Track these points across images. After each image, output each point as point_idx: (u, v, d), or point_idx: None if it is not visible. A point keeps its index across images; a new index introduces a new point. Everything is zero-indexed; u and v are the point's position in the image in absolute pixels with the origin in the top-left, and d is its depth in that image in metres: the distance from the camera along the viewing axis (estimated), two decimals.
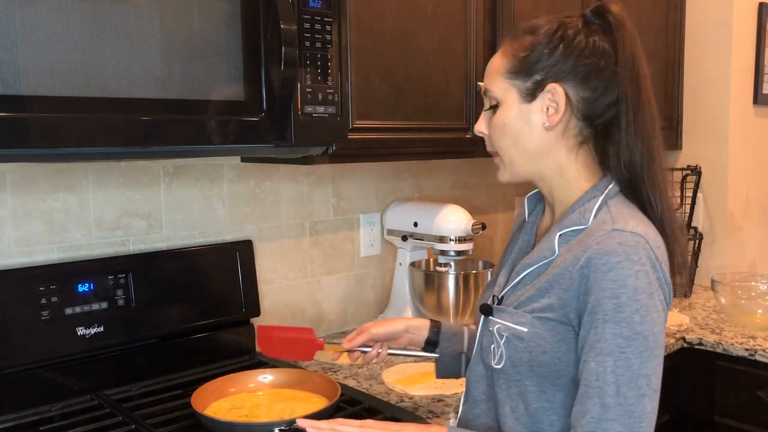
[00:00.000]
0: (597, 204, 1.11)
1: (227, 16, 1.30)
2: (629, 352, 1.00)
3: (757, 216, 2.74)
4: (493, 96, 1.17)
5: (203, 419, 1.35)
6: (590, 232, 1.09)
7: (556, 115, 1.12)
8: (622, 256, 1.03)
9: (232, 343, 1.81)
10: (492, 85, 1.17)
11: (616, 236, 1.05)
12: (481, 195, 2.52)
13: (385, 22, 1.70)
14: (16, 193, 1.54)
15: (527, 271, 1.15)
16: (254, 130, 1.35)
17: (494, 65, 1.18)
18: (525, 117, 1.14)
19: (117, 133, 1.20)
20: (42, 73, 1.10)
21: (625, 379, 1.00)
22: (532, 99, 1.13)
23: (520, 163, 1.17)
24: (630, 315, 1.01)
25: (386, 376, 1.72)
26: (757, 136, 2.69)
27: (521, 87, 1.14)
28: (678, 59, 2.60)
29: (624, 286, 1.01)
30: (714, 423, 2.01)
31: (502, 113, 1.16)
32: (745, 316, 2.11)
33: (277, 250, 1.98)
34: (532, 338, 1.09)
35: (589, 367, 1.02)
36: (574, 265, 1.07)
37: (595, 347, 1.02)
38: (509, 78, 1.15)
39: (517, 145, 1.16)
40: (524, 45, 1.15)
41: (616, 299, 1.01)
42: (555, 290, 1.09)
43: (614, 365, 1.00)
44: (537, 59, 1.13)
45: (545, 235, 1.17)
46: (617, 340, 1.00)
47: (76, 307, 1.53)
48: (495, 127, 1.17)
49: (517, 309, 1.13)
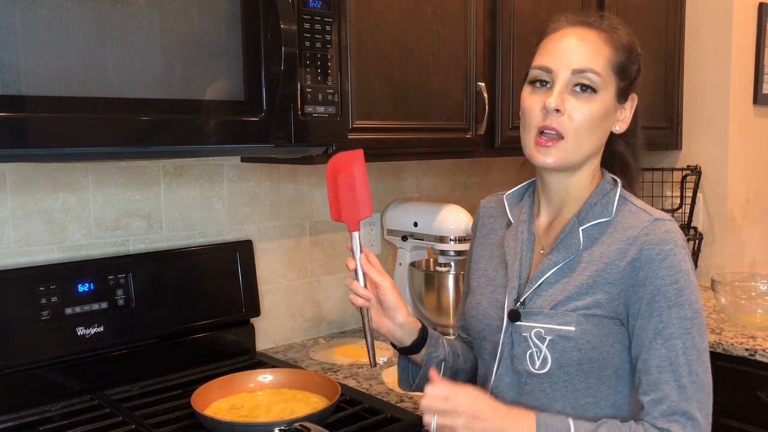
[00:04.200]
0: (616, 196, 1.16)
1: (227, 16, 1.30)
2: (693, 331, 1.07)
3: (757, 216, 2.74)
4: (594, 81, 1.12)
5: (203, 419, 1.35)
6: (624, 224, 1.13)
7: (624, 124, 1.18)
8: (672, 244, 1.09)
9: (232, 343, 1.81)
10: (600, 69, 1.12)
11: (662, 225, 1.11)
12: (481, 195, 2.50)
13: (385, 22, 1.70)
14: (16, 193, 1.54)
15: (552, 270, 1.14)
16: (254, 130, 1.35)
17: (600, 49, 1.14)
18: (611, 115, 1.16)
19: (117, 133, 1.20)
20: (42, 73, 1.10)
21: (694, 357, 1.06)
22: (623, 100, 1.17)
23: (581, 154, 1.15)
24: (689, 296, 1.07)
25: (386, 376, 1.72)
26: (757, 136, 2.69)
27: (619, 85, 1.15)
28: (678, 59, 2.60)
29: (680, 270, 1.08)
30: (714, 423, 2.00)
31: (599, 102, 1.13)
32: (745, 316, 2.11)
33: (277, 250, 1.98)
34: (581, 336, 1.10)
35: (659, 353, 1.06)
36: (621, 259, 1.10)
37: (662, 333, 1.06)
38: (612, 70, 1.14)
39: (591, 138, 1.14)
40: (624, 42, 1.16)
41: (676, 284, 1.07)
42: (600, 286, 1.11)
43: (683, 346, 1.06)
44: (633, 62, 1.16)
45: (564, 233, 1.16)
46: (683, 322, 1.06)
47: (76, 307, 1.53)
48: (586, 112, 1.12)
49: (555, 309, 1.12)
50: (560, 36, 1.16)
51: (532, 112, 1.14)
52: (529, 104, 1.15)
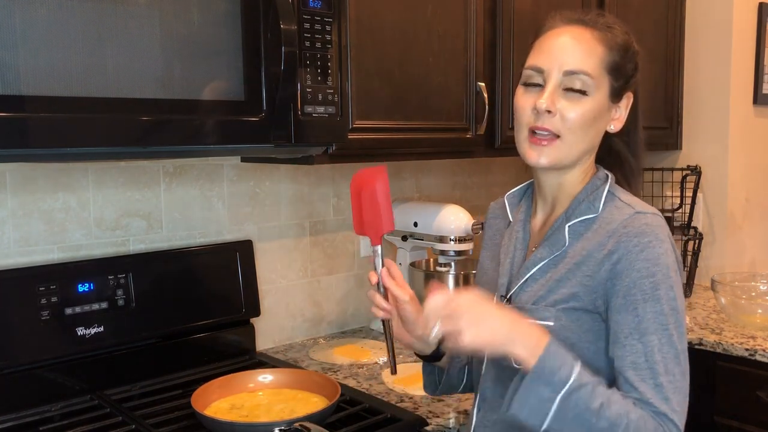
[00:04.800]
0: (604, 193, 1.14)
1: (227, 16, 1.30)
2: (671, 328, 1.03)
3: (757, 216, 2.74)
4: (587, 83, 1.11)
5: (203, 419, 1.35)
6: (607, 219, 1.11)
7: (620, 124, 1.16)
8: (651, 236, 1.06)
9: (232, 343, 1.81)
10: (592, 71, 1.11)
11: (641, 218, 1.08)
12: (481, 195, 2.52)
13: (385, 22, 1.70)
14: (16, 193, 1.54)
15: (537, 266, 1.15)
16: (254, 130, 1.35)
17: (593, 48, 1.12)
18: (605, 114, 1.15)
19: (117, 133, 1.20)
20: (42, 73, 1.10)
21: (671, 356, 1.02)
22: (617, 100, 1.15)
23: (575, 154, 1.14)
24: (666, 291, 1.04)
25: (386, 376, 1.72)
26: (757, 136, 2.69)
27: (613, 85, 1.13)
28: (678, 59, 2.60)
29: (657, 264, 1.04)
30: (714, 423, 2.01)
31: (592, 103, 1.12)
32: (745, 316, 2.11)
33: (277, 250, 1.98)
34: (559, 331, 1.08)
35: (635, 349, 1.03)
36: (599, 251, 1.08)
37: (638, 328, 1.03)
38: (606, 70, 1.12)
39: (585, 138, 1.14)
40: (619, 41, 1.14)
41: (653, 278, 1.04)
42: (578, 278, 1.09)
43: (659, 343, 1.02)
44: (629, 61, 1.14)
45: (551, 231, 1.16)
46: (659, 317, 1.03)
47: (76, 307, 1.53)
48: (580, 113, 1.11)
49: (536, 305, 1.12)
50: (554, 35, 1.15)
51: (523, 112, 1.14)
52: (521, 104, 1.15)
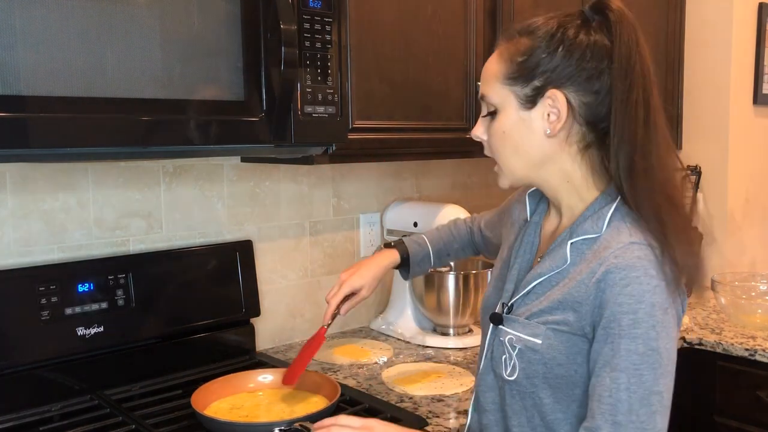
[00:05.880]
0: (610, 212, 1.07)
1: (227, 17, 1.30)
2: (643, 369, 0.97)
3: (757, 216, 2.74)
4: (491, 102, 1.12)
5: (203, 419, 1.36)
6: (605, 242, 1.05)
7: (558, 122, 1.07)
8: (641, 271, 0.99)
9: (232, 343, 1.81)
10: (489, 91, 1.12)
11: (635, 250, 1.01)
12: (481, 195, 2.52)
13: (385, 22, 1.70)
14: (16, 193, 1.54)
15: (538, 281, 1.12)
16: (254, 130, 1.35)
17: (490, 70, 1.13)
18: (525, 124, 1.09)
19: (117, 133, 1.20)
20: (42, 73, 1.10)
21: (638, 396, 0.97)
22: (532, 106, 1.08)
23: (522, 171, 1.14)
24: (646, 331, 0.98)
25: (386, 376, 1.72)
26: (757, 136, 2.69)
27: (520, 93, 1.09)
28: (678, 59, 2.60)
29: (641, 301, 0.98)
30: (714, 423, 2.01)
31: (501, 120, 1.11)
32: (745, 316, 2.11)
33: (277, 250, 1.98)
34: (546, 350, 1.07)
35: (603, 382, 0.99)
36: (590, 278, 1.03)
37: (609, 363, 0.99)
38: (507, 84, 1.10)
39: (518, 153, 1.12)
40: (522, 48, 1.09)
41: (633, 314, 0.98)
42: (569, 303, 1.05)
43: (628, 382, 0.97)
44: (536, 64, 1.07)
45: (555, 244, 1.13)
46: (632, 356, 0.98)
47: (76, 307, 1.53)
48: (494, 134, 1.13)
49: (530, 320, 1.10)
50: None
51: None
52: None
